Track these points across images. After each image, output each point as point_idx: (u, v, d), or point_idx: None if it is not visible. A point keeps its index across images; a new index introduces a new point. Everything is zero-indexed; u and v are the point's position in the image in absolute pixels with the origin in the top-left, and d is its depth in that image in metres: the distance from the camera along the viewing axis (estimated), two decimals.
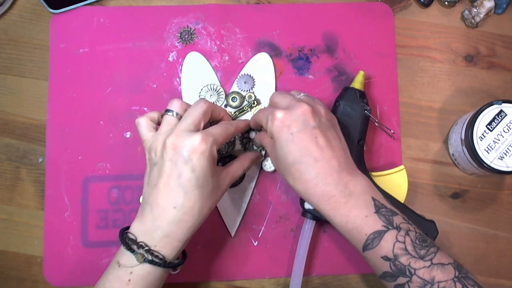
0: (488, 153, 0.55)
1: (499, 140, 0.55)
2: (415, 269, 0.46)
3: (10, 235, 0.60)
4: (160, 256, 0.47)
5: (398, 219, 0.47)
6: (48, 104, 0.61)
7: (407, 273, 0.46)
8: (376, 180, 0.56)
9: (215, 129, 0.50)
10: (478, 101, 0.63)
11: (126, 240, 0.48)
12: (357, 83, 0.59)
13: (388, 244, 0.46)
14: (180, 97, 0.61)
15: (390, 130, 0.61)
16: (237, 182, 0.59)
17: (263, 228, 0.60)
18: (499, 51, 0.64)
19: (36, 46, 0.63)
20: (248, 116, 0.61)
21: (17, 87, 0.62)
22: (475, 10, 0.63)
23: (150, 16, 0.63)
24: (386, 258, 0.46)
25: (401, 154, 0.61)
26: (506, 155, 0.55)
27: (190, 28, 0.63)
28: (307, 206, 0.55)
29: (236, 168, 0.54)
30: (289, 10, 0.64)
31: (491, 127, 0.55)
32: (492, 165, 0.55)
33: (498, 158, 0.55)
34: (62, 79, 0.62)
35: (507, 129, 0.55)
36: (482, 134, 0.55)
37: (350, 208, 0.47)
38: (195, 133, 0.48)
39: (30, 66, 0.63)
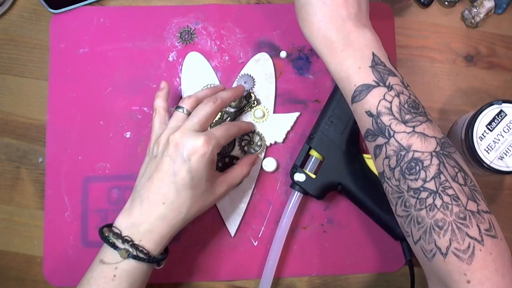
0: (488, 153, 0.55)
1: (499, 140, 0.55)
2: (394, 132, 0.44)
3: (10, 235, 0.60)
4: (145, 251, 0.48)
5: (393, 80, 0.46)
6: (48, 104, 0.61)
7: (387, 134, 0.45)
8: (368, 162, 0.57)
9: (218, 131, 0.51)
10: (478, 101, 0.63)
11: (110, 236, 0.48)
12: None
13: (374, 99, 0.45)
14: (180, 97, 0.61)
15: None
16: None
17: (263, 228, 0.60)
18: (499, 51, 0.64)
19: (36, 46, 0.63)
20: (248, 116, 0.61)
21: (17, 87, 0.62)
22: (475, 10, 0.63)
23: (150, 16, 0.63)
24: (369, 113, 0.46)
25: None
26: (506, 155, 0.55)
27: (190, 28, 0.63)
28: (296, 178, 0.56)
29: (235, 175, 0.54)
30: (289, 10, 0.64)
31: (491, 127, 0.55)
32: (492, 165, 0.55)
33: (498, 158, 0.55)
34: (62, 79, 0.62)
35: (507, 129, 0.55)
36: (482, 134, 0.55)
37: (346, 57, 0.47)
38: (199, 134, 0.49)
39: (30, 66, 0.63)
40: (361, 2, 0.49)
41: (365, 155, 0.58)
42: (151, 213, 0.48)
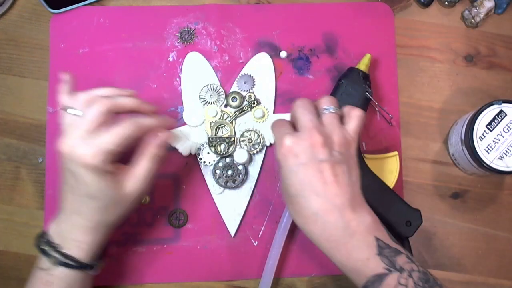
0: (488, 153, 0.55)
1: (499, 140, 0.55)
2: None
3: (10, 235, 0.60)
4: (75, 259, 0.48)
5: (401, 259, 0.44)
6: (48, 104, 0.61)
7: None
8: (368, 162, 0.57)
9: (108, 137, 0.46)
10: (478, 101, 0.63)
11: (41, 243, 0.49)
12: (363, 65, 0.59)
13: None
14: (180, 97, 0.61)
15: (389, 115, 0.61)
16: (238, 183, 0.59)
17: (263, 228, 0.60)
18: (499, 51, 0.64)
19: (36, 46, 0.63)
20: (248, 116, 0.61)
21: (17, 87, 0.62)
22: (475, 10, 0.63)
23: (150, 16, 0.63)
24: None
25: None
26: (506, 155, 0.55)
27: (190, 28, 0.63)
28: None
29: (141, 167, 0.50)
30: (289, 10, 0.64)
31: (491, 127, 0.55)
32: (492, 165, 0.55)
33: (498, 158, 0.55)
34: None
35: (507, 129, 0.55)
36: (482, 134, 0.55)
37: (351, 249, 0.44)
38: (85, 145, 0.46)
39: (30, 66, 0.63)
40: (354, 183, 0.47)
41: (365, 155, 0.58)
42: (69, 223, 0.49)
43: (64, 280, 0.48)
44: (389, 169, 0.58)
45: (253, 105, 0.61)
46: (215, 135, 0.60)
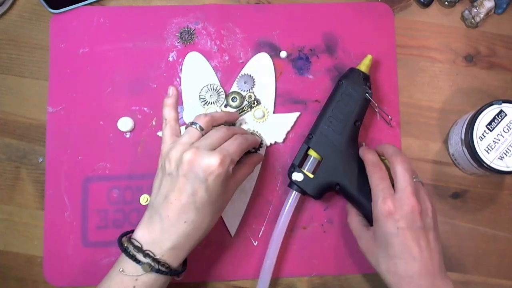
0: (488, 153, 0.55)
1: (499, 140, 0.55)
2: None
3: (10, 235, 0.60)
4: (166, 265, 0.48)
5: None
6: (48, 104, 0.61)
7: None
8: None
9: (232, 148, 0.50)
10: (478, 101, 0.63)
11: (130, 249, 0.48)
12: (363, 66, 0.59)
13: None
14: (180, 97, 0.61)
15: (388, 116, 0.61)
16: None
17: (263, 228, 0.60)
18: (499, 51, 0.64)
19: (36, 46, 0.63)
20: (248, 116, 0.61)
21: (17, 87, 0.62)
22: (475, 10, 0.63)
23: (150, 16, 0.63)
24: None
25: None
26: (506, 155, 0.55)
27: (190, 28, 0.63)
28: (294, 177, 0.56)
29: (242, 175, 0.54)
30: (289, 10, 0.64)
31: (491, 127, 0.55)
32: (492, 165, 0.55)
33: (498, 158, 0.55)
34: (62, 79, 0.62)
35: (507, 129, 0.55)
36: (482, 134, 0.55)
37: None
38: (213, 153, 0.48)
39: (30, 66, 0.63)
40: (440, 250, 0.50)
41: None
42: (173, 231, 0.48)
43: (149, 285, 0.48)
44: (390, 171, 0.58)
45: (253, 105, 0.61)
46: None
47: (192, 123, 0.52)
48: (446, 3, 0.64)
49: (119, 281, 0.48)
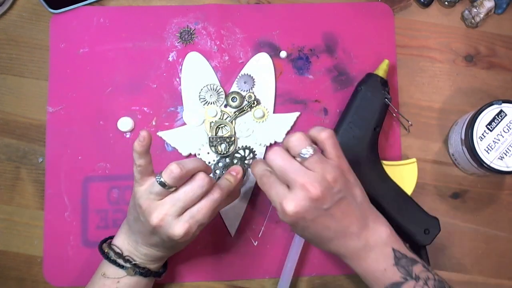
0: (488, 153, 0.55)
1: (499, 140, 0.55)
2: None
3: (10, 235, 0.60)
4: (146, 269, 0.52)
5: (417, 268, 0.47)
6: (48, 104, 0.61)
7: None
8: (387, 169, 0.57)
9: (201, 213, 0.48)
10: (478, 101, 0.63)
11: (110, 254, 0.51)
12: (381, 71, 0.59)
13: None
14: (180, 97, 0.61)
15: (408, 122, 0.61)
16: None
17: (263, 228, 0.60)
18: (499, 51, 0.64)
19: (36, 46, 0.63)
20: (248, 116, 0.61)
21: (17, 87, 0.62)
22: (475, 10, 0.63)
23: (150, 16, 0.63)
24: None
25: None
26: (506, 155, 0.55)
27: (190, 28, 0.63)
28: None
29: (197, 210, 0.49)
30: (289, 10, 0.64)
31: (491, 127, 0.55)
32: (492, 165, 0.55)
33: (498, 158, 0.55)
34: (62, 79, 0.62)
35: (507, 129, 0.55)
36: (482, 134, 0.55)
37: (370, 262, 0.48)
38: (179, 222, 0.47)
39: (30, 66, 0.63)
40: (362, 203, 0.48)
41: (384, 162, 0.57)
42: (146, 242, 0.50)
43: (132, 286, 0.51)
44: (407, 176, 0.58)
45: (253, 105, 0.61)
46: (215, 135, 0.60)
47: (158, 176, 0.47)
48: (446, 3, 0.64)
49: (101, 284, 0.51)
